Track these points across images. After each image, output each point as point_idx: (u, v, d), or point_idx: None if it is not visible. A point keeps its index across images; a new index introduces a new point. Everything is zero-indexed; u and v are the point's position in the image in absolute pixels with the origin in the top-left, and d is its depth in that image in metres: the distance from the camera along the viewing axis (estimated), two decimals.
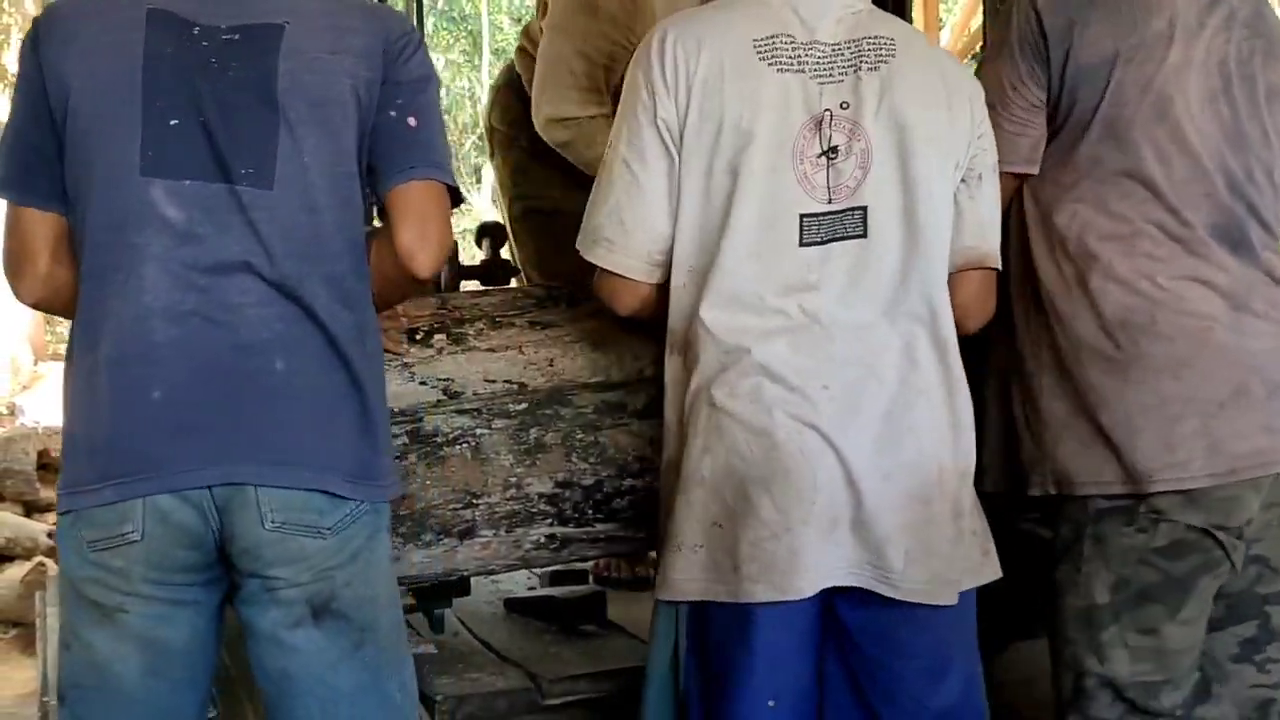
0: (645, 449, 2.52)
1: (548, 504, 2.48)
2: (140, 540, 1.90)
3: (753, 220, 2.16)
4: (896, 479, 2.14)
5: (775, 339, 2.15)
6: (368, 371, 2.01)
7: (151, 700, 1.96)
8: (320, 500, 1.94)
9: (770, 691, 2.16)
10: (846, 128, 2.18)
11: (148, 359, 1.90)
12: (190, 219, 1.92)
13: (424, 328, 2.48)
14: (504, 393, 2.48)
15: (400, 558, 2.40)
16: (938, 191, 2.20)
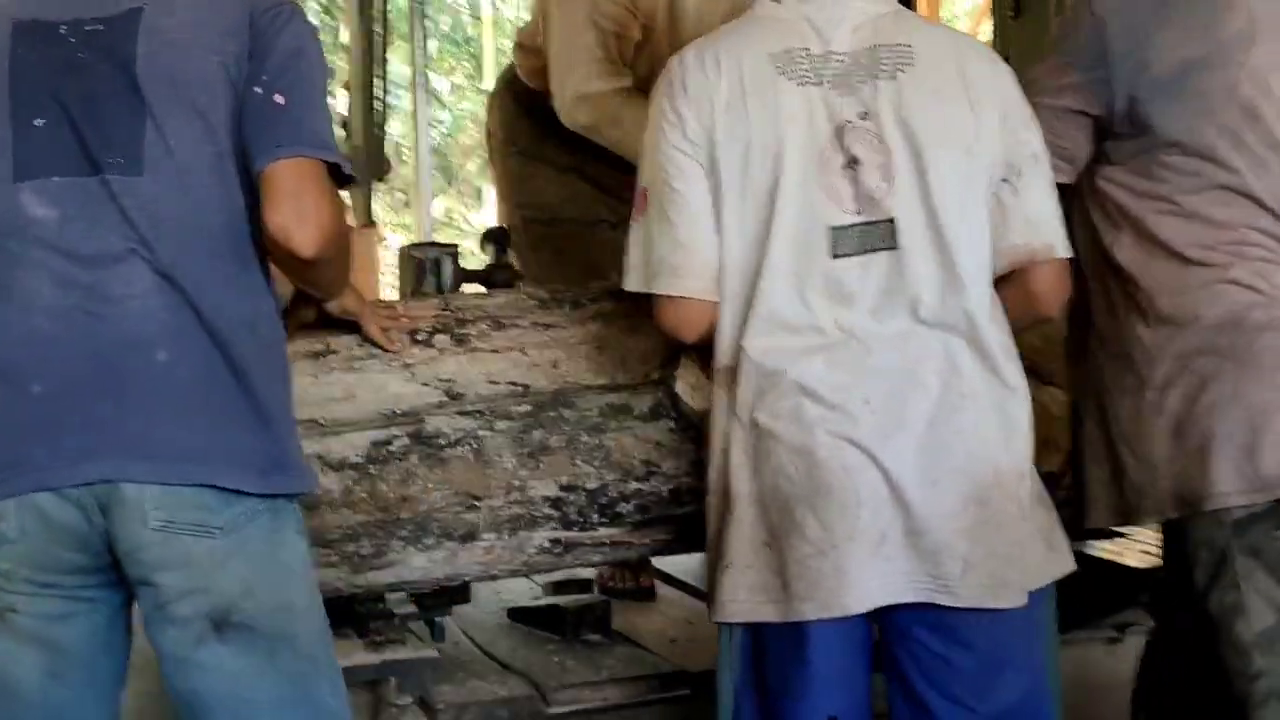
0: (651, 453, 2.47)
1: (551, 507, 2.43)
2: (16, 540, 1.83)
3: (788, 236, 2.15)
4: (946, 484, 2.10)
5: (813, 357, 2.13)
6: (260, 358, 1.93)
7: (52, 705, 1.87)
8: (209, 496, 1.85)
9: (829, 708, 2.15)
10: (867, 139, 2.15)
11: (29, 356, 1.83)
12: (63, 215, 1.86)
13: (426, 328, 2.45)
14: (507, 394, 2.44)
15: (401, 561, 2.36)
16: (967, 198, 2.17)
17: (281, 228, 1.86)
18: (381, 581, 2.38)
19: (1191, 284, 2.19)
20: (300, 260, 1.90)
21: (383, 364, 2.38)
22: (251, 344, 1.92)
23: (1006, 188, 2.21)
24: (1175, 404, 2.18)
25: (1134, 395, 2.23)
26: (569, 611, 2.96)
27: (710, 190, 2.19)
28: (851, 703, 2.16)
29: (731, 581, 2.17)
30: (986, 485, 2.12)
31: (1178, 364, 2.19)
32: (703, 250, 2.18)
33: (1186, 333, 2.19)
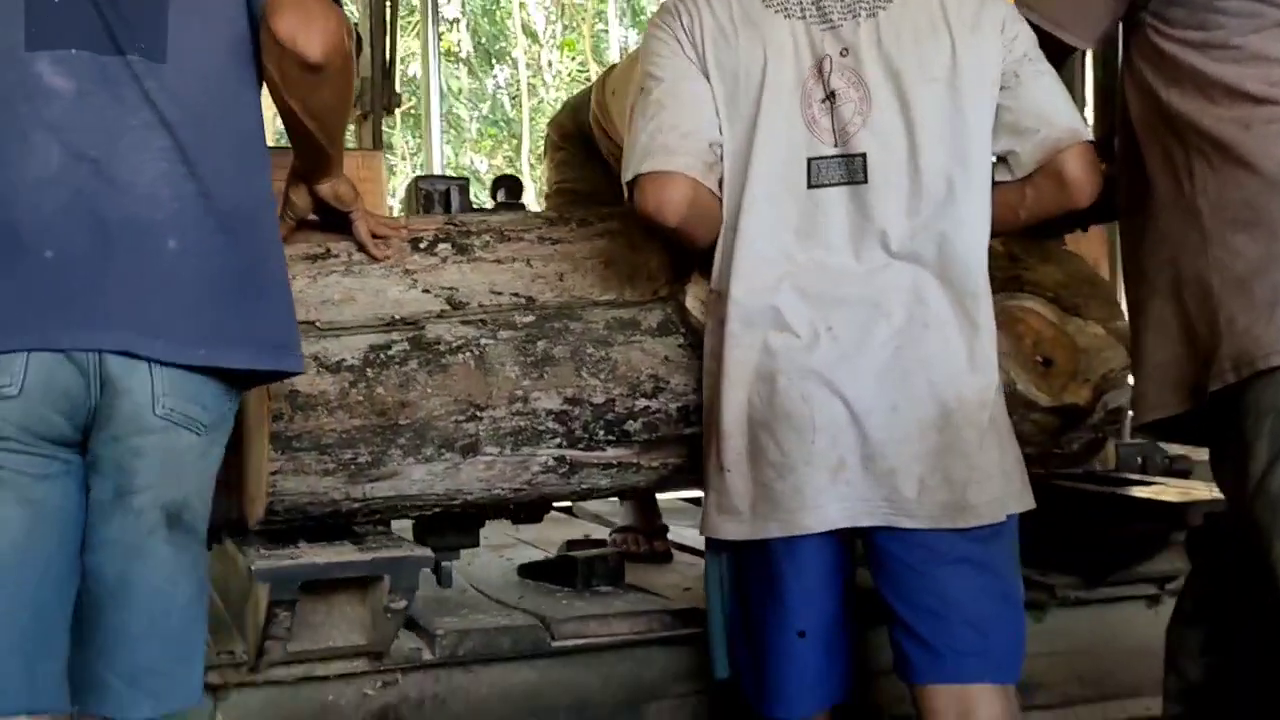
0: (659, 368, 2.40)
1: (556, 422, 2.35)
2: (17, 396, 1.77)
3: (770, 165, 2.18)
4: (905, 410, 2.13)
5: (784, 286, 2.16)
6: (264, 249, 1.93)
7: (28, 565, 1.82)
8: (206, 393, 1.86)
9: (798, 623, 2.19)
10: (845, 74, 2.18)
11: (39, 222, 1.79)
12: (81, 89, 1.83)
13: (428, 237, 2.39)
14: (510, 306, 2.37)
15: (400, 473, 2.29)
16: (954, 132, 2.17)
17: (289, 32, 1.85)
18: (379, 495, 2.29)
19: (1257, 120, 2.05)
20: (307, 65, 1.87)
21: (383, 269, 2.33)
22: (257, 235, 1.92)
23: (1007, 94, 2.21)
24: (1243, 255, 2.01)
25: (1200, 255, 2.07)
26: (580, 562, 2.87)
27: (709, 97, 2.20)
28: (821, 617, 2.19)
29: (710, 501, 2.25)
30: (946, 412, 2.13)
31: (1246, 210, 2.03)
32: (697, 133, 2.18)
33: (1254, 173, 2.03)
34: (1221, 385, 2.00)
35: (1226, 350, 2.00)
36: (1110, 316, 2.68)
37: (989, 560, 2.17)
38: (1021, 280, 2.63)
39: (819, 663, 2.19)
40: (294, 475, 2.23)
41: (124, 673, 1.86)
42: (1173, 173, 2.14)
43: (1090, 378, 2.62)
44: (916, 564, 2.15)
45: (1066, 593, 2.86)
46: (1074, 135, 2.20)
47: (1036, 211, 2.25)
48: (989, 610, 2.15)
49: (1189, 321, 2.09)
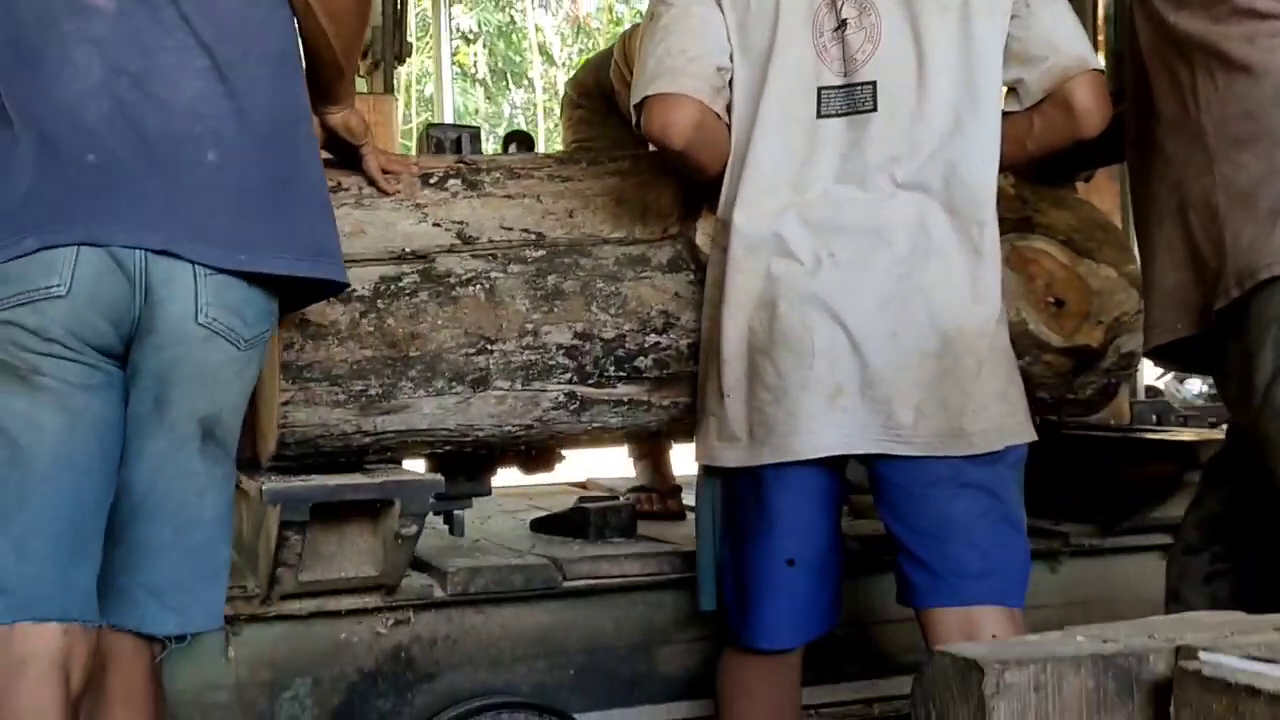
0: (669, 303, 2.40)
1: (566, 356, 2.35)
2: (64, 296, 1.77)
3: (779, 94, 2.18)
4: (904, 337, 2.12)
5: (788, 215, 2.17)
6: (303, 159, 1.94)
7: (64, 476, 1.81)
8: (247, 307, 1.86)
9: (787, 552, 2.19)
10: (857, 3, 2.18)
11: (80, 129, 1.80)
12: (121, 8, 1.84)
13: (439, 174, 2.40)
14: (521, 241, 2.38)
15: (410, 406, 2.29)
16: (966, 62, 2.17)
17: None
18: (391, 428, 2.30)
19: (1262, 34, 2.02)
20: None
21: (393, 203, 2.34)
22: (293, 147, 1.93)
23: (1017, 23, 2.21)
24: (1247, 168, 2.00)
25: (1206, 174, 2.05)
26: (592, 513, 2.86)
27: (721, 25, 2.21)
28: (811, 546, 2.19)
29: (705, 427, 2.25)
30: (945, 340, 2.12)
31: (1248, 123, 2.01)
32: (705, 57, 2.18)
33: (1260, 83, 2.01)
34: (1226, 302, 1.98)
35: (1231, 266, 1.98)
36: (1122, 261, 2.67)
37: (990, 485, 2.16)
38: (1033, 223, 2.62)
39: (806, 592, 2.20)
40: (305, 406, 2.24)
41: (149, 584, 1.87)
42: (1179, 95, 2.14)
43: (1103, 319, 2.61)
44: (916, 489, 2.14)
45: (1081, 541, 2.84)
46: (1082, 63, 2.20)
47: (1044, 142, 2.24)
48: (990, 533, 2.15)
49: (1195, 243, 2.08)
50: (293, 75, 1.97)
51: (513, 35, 17.13)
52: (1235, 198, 2.01)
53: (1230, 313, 2.00)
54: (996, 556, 2.14)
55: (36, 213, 1.77)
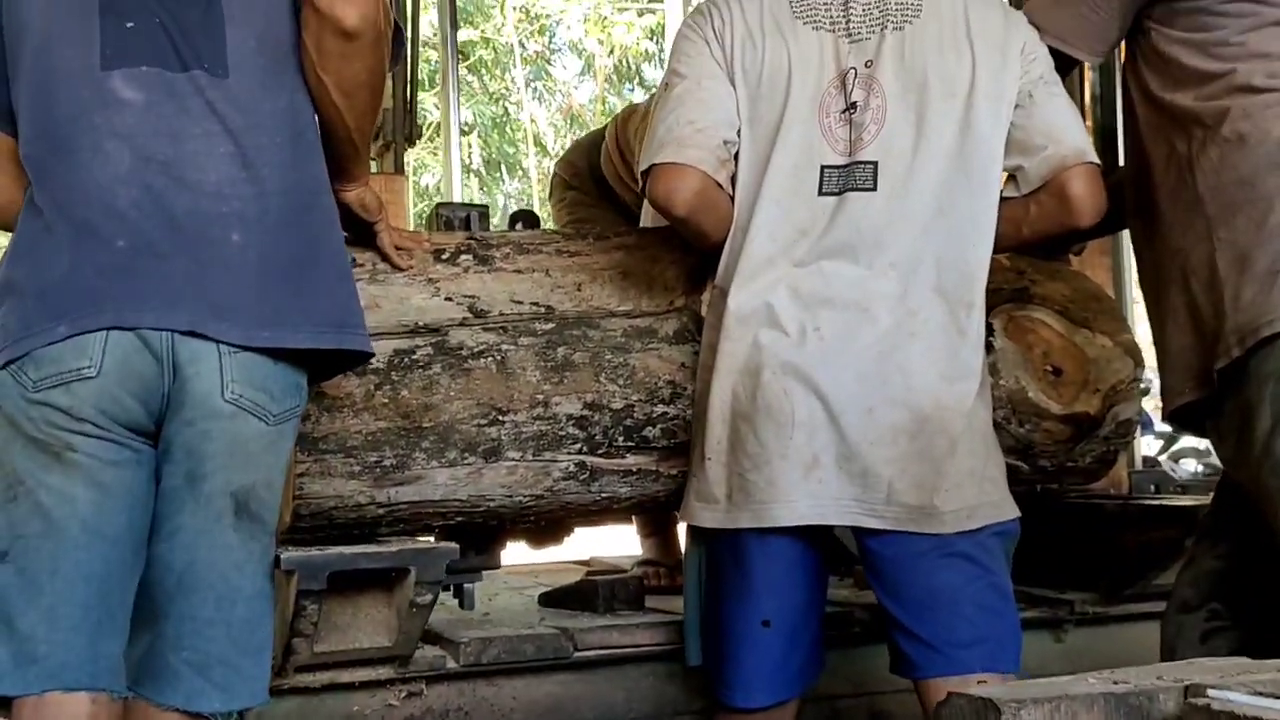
0: (676, 374, 2.45)
1: (576, 427, 2.40)
2: (95, 377, 1.86)
3: (783, 170, 2.25)
4: (881, 413, 2.17)
5: (780, 286, 2.23)
6: (323, 234, 2.02)
7: (95, 549, 1.88)
8: (273, 383, 1.93)
9: (763, 613, 2.24)
10: (867, 85, 2.25)
11: (111, 217, 1.90)
12: (150, 100, 1.95)
13: (450, 249, 2.46)
14: (531, 314, 2.43)
15: (424, 477, 2.33)
16: (964, 146, 2.24)
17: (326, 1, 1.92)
18: (404, 499, 2.33)
19: (1257, 107, 2.12)
20: (343, 32, 1.94)
21: (407, 278, 2.39)
22: (314, 223, 2.02)
23: (1020, 113, 2.28)
24: (1242, 232, 2.07)
25: (1204, 241, 2.13)
26: (601, 585, 2.88)
27: (732, 90, 2.29)
28: (787, 608, 2.24)
29: (688, 487, 2.33)
30: (920, 419, 2.17)
31: (1244, 189, 2.09)
32: (712, 129, 2.25)
33: (1254, 151, 2.10)
34: (1227, 361, 2.04)
35: (1230, 326, 2.05)
36: (1117, 330, 2.73)
37: (974, 554, 2.20)
38: (1030, 293, 2.68)
39: (781, 653, 2.24)
40: (320, 478, 2.28)
41: (194, 661, 1.91)
42: (1177, 166, 2.22)
43: (1100, 387, 2.66)
44: (902, 560, 2.19)
45: (1085, 609, 2.87)
46: (1079, 155, 2.26)
47: (1039, 228, 2.31)
48: (979, 600, 2.18)
49: (1197, 307, 2.14)
50: (312, 154, 2.05)
51: (507, 127, 17.35)
52: (1233, 260, 2.08)
53: (1230, 372, 2.05)
54: (986, 624, 2.18)
55: (69, 299, 1.87)
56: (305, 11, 1.97)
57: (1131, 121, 2.36)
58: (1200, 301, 2.14)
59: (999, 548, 2.24)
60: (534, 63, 17.27)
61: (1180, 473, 7.78)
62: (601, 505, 2.55)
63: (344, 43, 1.96)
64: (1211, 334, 2.10)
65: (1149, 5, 2.26)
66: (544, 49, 17.46)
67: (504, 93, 17.15)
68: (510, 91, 17.23)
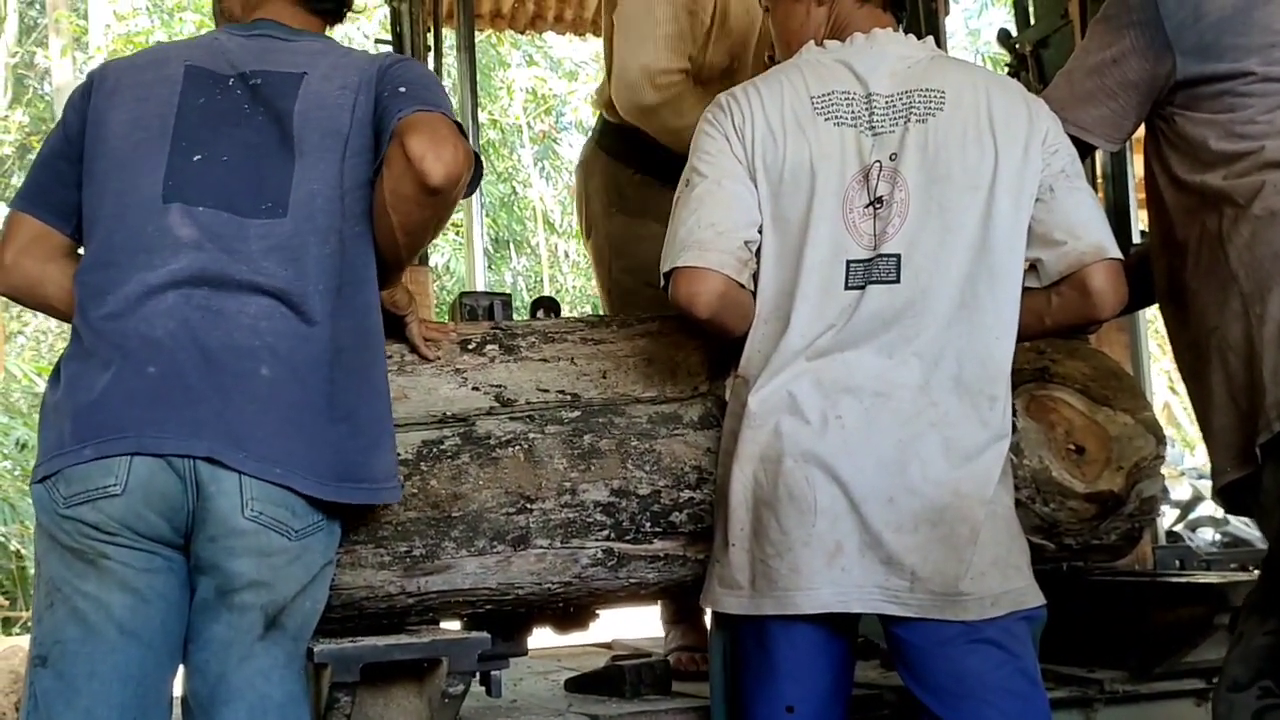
0: (702, 459, 2.47)
1: (604, 514, 2.41)
2: (120, 495, 1.93)
3: (814, 264, 2.27)
4: (901, 502, 2.17)
5: (803, 377, 2.24)
6: (358, 374, 2.08)
7: (131, 652, 1.95)
8: (295, 501, 1.99)
9: (787, 699, 2.23)
10: (890, 178, 2.27)
11: (146, 345, 1.98)
12: (199, 241, 2.03)
13: (476, 339, 2.49)
14: (557, 402, 2.45)
15: (454, 566, 2.34)
16: (987, 237, 2.25)
17: (419, 152, 1.97)
18: (434, 589, 2.34)
19: None
20: (426, 187, 1.98)
21: (434, 369, 2.42)
22: (356, 360, 2.08)
23: (1041, 207, 2.29)
24: (1278, 305, 2.10)
25: (1241, 319, 2.17)
26: (628, 670, 2.88)
27: (753, 188, 2.31)
28: (810, 696, 2.23)
29: (710, 572, 2.33)
30: (940, 507, 2.17)
31: (1278, 263, 2.12)
32: (733, 231, 2.27)
33: None
34: (1269, 436, 2.06)
35: (1270, 400, 2.07)
36: (1138, 408, 2.74)
37: (1001, 640, 2.18)
38: (1050, 372, 2.70)
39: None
40: (350, 569, 2.29)
41: None
42: (1209, 246, 2.25)
43: (1123, 465, 2.67)
44: (928, 646, 2.18)
45: (1115, 687, 2.85)
46: (1099, 251, 2.27)
47: (1060, 320, 2.33)
48: (1008, 686, 2.17)
49: (1234, 384, 2.17)
50: (367, 294, 2.12)
51: (515, 205, 17.48)
52: (1270, 335, 2.11)
53: (1271, 446, 2.07)
54: (1015, 710, 2.16)
55: (97, 423, 1.96)
56: (392, 149, 2.01)
57: (1157, 205, 2.38)
58: (1238, 378, 2.16)
59: (1025, 633, 2.23)
60: (541, 142, 17.43)
61: (1198, 541, 7.77)
62: (630, 591, 2.55)
63: (424, 195, 2.00)
64: (1251, 409, 2.13)
65: (1171, 92, 2.30)
66: (550, 128, 17.62)
67: (511, 172, 17.30)
68: (517, 170, 17.37)
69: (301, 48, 2.20)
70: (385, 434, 2.13)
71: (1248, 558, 4.23)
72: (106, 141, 2.12)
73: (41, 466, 1.99)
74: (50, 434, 2.00)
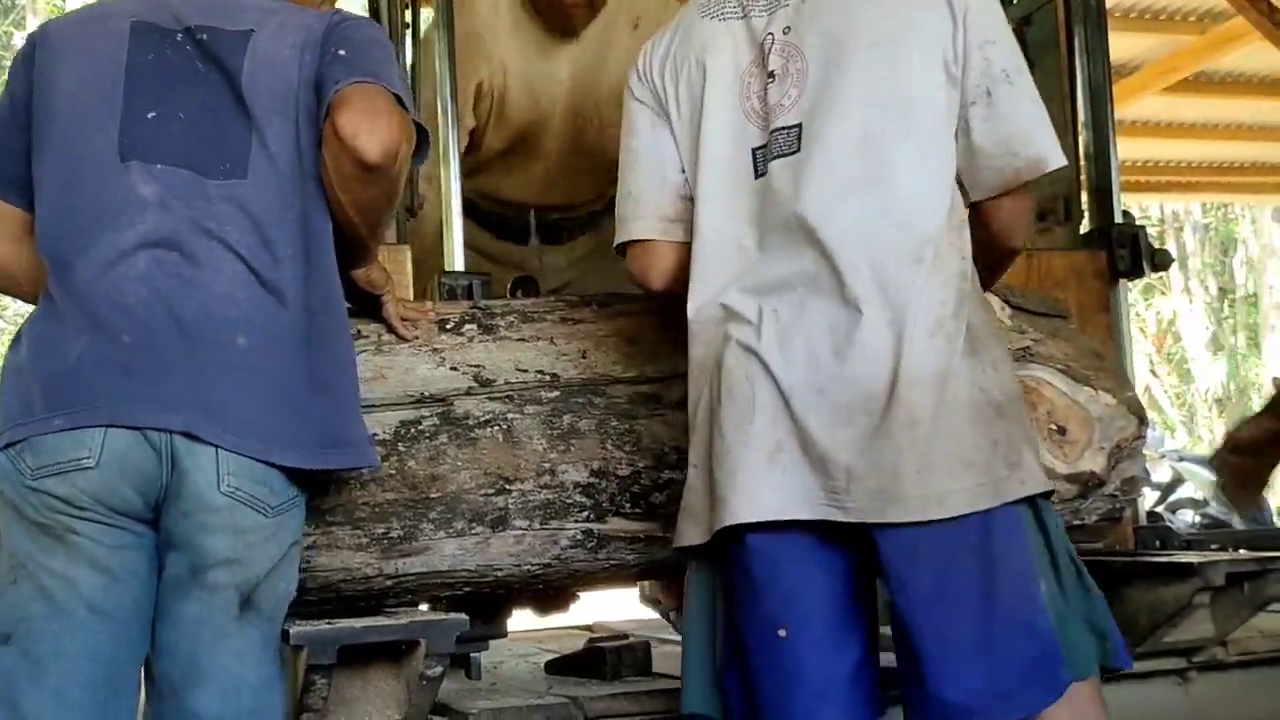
0: (682, 439, 2.43)
1: (583, 494, 2.39)
2: (94, 468, 1.88)
3: (716, 164, 2.19)
4: (831, 392, 2.02)
5: (736, 280, 2.14)
6: (329, 340, 2.04)
7: (99, 631, 1.90)
8: (273, 477, 1.95)
9: (777, 622, 2.03)
10: (785, 50, 2.16)
11: (120, 313, 1.92)
12: (164, 199, 1.98)
13: (455, 319, 2.47)
14: (536, 382, 2.43)
15: (431, 548, 2.32)
16: (896, 99, 2.08)
17: (351, 130, 1.92)
18: (412, 571, 2.32)
19: None
20: (364, 164, 1.94)
21: (412, 349, 2.40)
22: (323, 326, 2.03)
23: (975, 111, 2.10)
24: None
25: None
26: (608, 652, 2.86)
27: (665, 133, 2.26)
28: (805, 617, 2.03)
29: (680, 513, 2.19)
30: (875, 395, 2.00)
31: None
32: (648, 193, 2.25)
33: None
34: None
35: None
36: (1119, 388, 2.74)
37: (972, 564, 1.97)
38: (1032, 352, 2.69)
39: (812, 666, 2.02)
40: (327, 550, 2.27)
41: None
42: None
43: (1104, 445, 2.66)
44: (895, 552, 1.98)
45: None
46: (1019, 175, 2.10)
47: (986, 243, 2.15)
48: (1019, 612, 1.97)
49: None
50: (326, 261, 2.06)
51: None
52: None
53: None
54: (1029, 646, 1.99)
55: (68, 392, 1.90)
56: (327, 127, 1.97)
57: None
58: None
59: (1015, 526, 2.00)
60: None
61: (1178, 523, 7.79)
62: (610, 572, 2.54)
63: (363, 172, 1.96)
64: None
65: None
66: None
67: None
68: None
69: (250, 3, 2.12)
70: (357, 403, 2.10)
71: (1227, 539, 4.25)
72: (55, 101, 2.05)
73: (5, 434, 1.92)
74: (13, 399, 1.94)
